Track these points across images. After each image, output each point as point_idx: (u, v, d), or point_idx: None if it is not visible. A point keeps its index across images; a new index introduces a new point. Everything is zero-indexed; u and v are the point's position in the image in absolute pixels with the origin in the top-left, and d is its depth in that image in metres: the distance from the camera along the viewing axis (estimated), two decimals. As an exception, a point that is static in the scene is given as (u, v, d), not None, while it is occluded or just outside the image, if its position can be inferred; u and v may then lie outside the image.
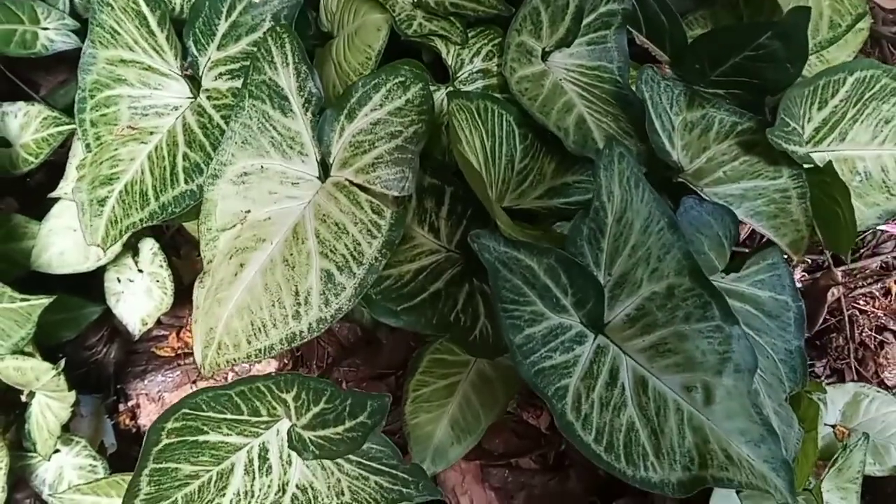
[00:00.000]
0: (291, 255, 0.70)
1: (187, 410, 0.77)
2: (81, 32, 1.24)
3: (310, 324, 0.68)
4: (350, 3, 0.94)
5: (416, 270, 0.83)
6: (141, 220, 0.82)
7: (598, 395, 0.72)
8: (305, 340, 0.68)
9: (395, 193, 0.71)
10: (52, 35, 1.26)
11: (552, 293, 0.72)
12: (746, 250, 1.30)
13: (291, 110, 0.74)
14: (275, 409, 0.79)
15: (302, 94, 0.74)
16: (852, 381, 1.32)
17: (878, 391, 1.11)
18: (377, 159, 0.72)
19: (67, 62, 1.31)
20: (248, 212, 0.73)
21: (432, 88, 0.86)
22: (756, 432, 0.70)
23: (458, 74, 0.88)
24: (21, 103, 1.23)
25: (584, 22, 0.89)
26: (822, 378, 1.35)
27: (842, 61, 1.02)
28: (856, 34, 1.01)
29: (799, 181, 0.85)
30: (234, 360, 0.70)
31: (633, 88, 0.87)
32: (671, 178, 0.87)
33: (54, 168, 1.22)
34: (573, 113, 0.84)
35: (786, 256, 0.92)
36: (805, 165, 0.85)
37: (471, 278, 0.85)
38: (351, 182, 0.72)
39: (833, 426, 1.12)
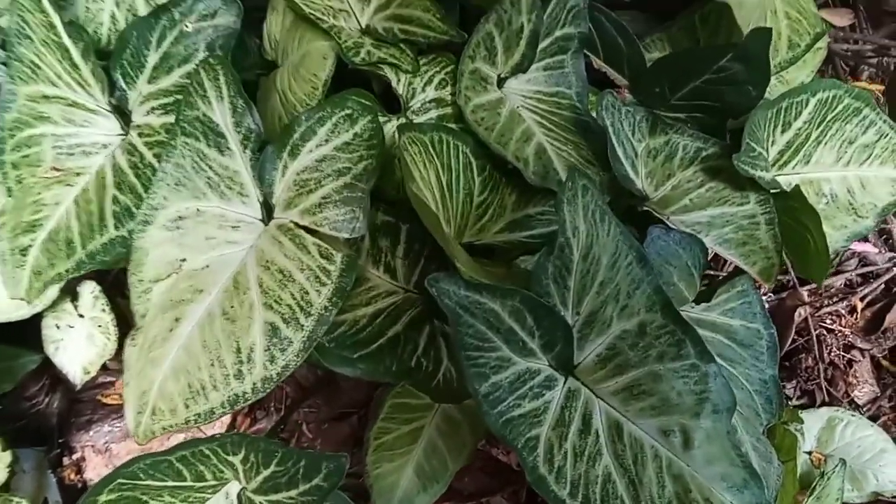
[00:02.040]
0: (232, 307, 0.64)
1: (123, 480, 0.69)
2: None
3: (254, 384, 0.62)
4: (294, 30, 0.89)
5: (373, 314, 0.77)
6: (67, 271, 0.75)
7: (572, 445, 0.67)
8: (249, 402, 0.61)
9: (346, 235, 0.65)
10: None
11: (518, 336, 0.67)
12: (714, 272, 1.28)
13: (228, 148, 0.68)
14: (222, 472, 0.72)
15: (239, 130, 0.68)
16: (823, 401, 1.31)
17: (852, 415, 1.09)
18: (324, 199, 0.66)
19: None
20: (184, 260, 0.67)
21: (383, 120, 0.81)
22: (738, 477, 0.66)
23: (410, 104, 0.83)
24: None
25: (540, 47, 0.85)
26: (793, 399, 1.33)
27: (801, 81, 1.01)
28: (814, 53, 1.00)
29: (766, 206, 0.82)
30: (171, 426, 0.63)
31: (593, 114, 0.84)
32: (636, 207, 0.84)
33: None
34: (532, 142, 0.80)
35: (756, 283, 0.90)
36: (772, 190, 0.82)
37: (431, 319, 0.80)
38: (296, 224, 0.67)
39: (809, 452, 1.09)
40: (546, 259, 0.67)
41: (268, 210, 0.69)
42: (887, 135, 0.91)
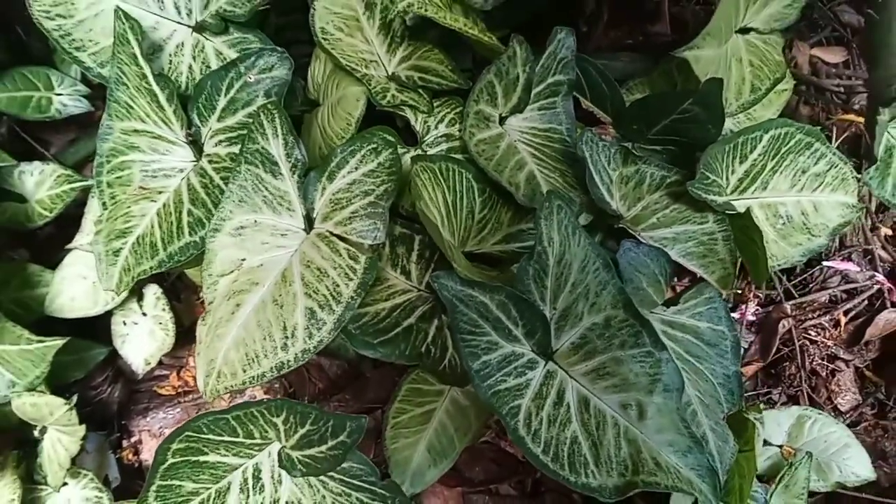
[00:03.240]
0: (280, 295, 0.82)
1: (190, 433, 0.88)
2: (92, 97, 1.38)
3: (296, 354, 0.80)
4: (333, 76, 1.09)
5: (391, 308, 0.95)
6: (151, 268, 0.94)
7: (547, 413, 0.83)
8: (292, 368, 0.79)
9: (369, 242, 0.83)
10: (66, 100, 1.41)
11: (504, 325, 0.83)
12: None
13: (280, 173, 0.87)
14: (266, 432, 0.90)
15: (290, 160, 0.87)
16: (805, 406, 1.43)
17: (820, 413, 1.21)
18: (353, 214, 0.85)
19: (76, 122, 1.45)
20: (244, 260, 0.86)
21: (402, 151, 1.00)
22: (683, 443, 0.81)
23: (425, 139, 1.01)
24: (37, 163, 1.36)
25: (535, 91, 1.03)
26: (778, 403, 1.45)
27: (768, 118, 1.16)
28: (779, 94, 1.15)
29: (723, 225, 0.97)
30: (231, 386, 0.81)
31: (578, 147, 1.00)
32: (614, 225, 1.00)
33: (61, 221, 1.34)
34: (525, 170, 0.97)
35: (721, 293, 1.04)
36: (729, 211, 0.97)
37: (440, 314, 0.97)
38: (331, 233, 0.85)
39: (780, 446, 1.22)
40: (527, 263, 0.84)
41: (309, 222, 0.88)
42: (837, 165, 1.05)
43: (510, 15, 1.11)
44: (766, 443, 1.20)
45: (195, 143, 0.98)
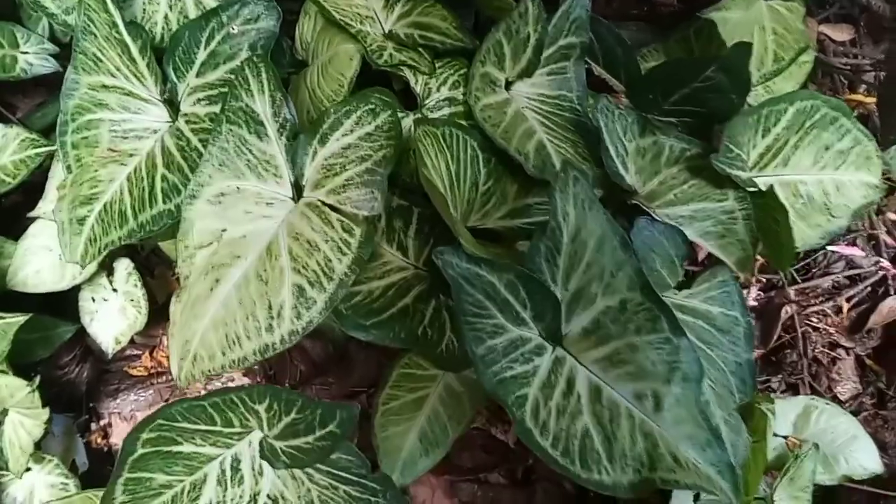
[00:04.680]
0: (265, 270, 0.74)
1: (162, 421, 0.79)
2: (60, 56, 1.27)
3: (282, 336, 0.72)
4: (324, 33, 1.00)
5: (386, 287, 0.87)
6: (119, 238, 0.85)
7: (556, 404, 0.76)
8: (278, 351, 0.71)
9: (365, 213, 0.75)
10: (32, 59, 1.30)
11: (512, 307, 0.76)
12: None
13: (267, 135, 0.79)
14: (247, 420, 0.82)
15: (277, 119, 0.79)
16: (806, 395, 1.39)
17: (828, 403, 1.17)
18: (348, 181, 0.76)
19: (45, 85, 1.35)
20: (225, 230, 0.77)
21: (401, 115, 0.91)
22: (703, 437, 0.75)
23: (426, 102, 0.93)
24: (-1, 126, 1.25)
25: (545, 54, 0.95)
26: (778, 392, 1.41)
27: (787, 91, 1.09)
28: (800, 66, 1.09)
29: (744, 203, 0.91)
30: (209, 370, 0.73)
31: (592, 116, 0.93)
32: (627, 201, 0.93)
33: (29, 188, 1.24)
34: (534, 139, 0.89)
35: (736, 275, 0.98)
36: (749, 189, 0.91)
37: (437, 294, 0.90)
38: (323, 202, 0.77)
39: (786, 437, 1.17)
40: (539, 240, 0.77)
41: (298, 189, 0.80)
42: (862, 142, 1.00)
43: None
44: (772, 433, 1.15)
45: (171, 102, 0.89)
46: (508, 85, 0.95)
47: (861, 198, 1.00)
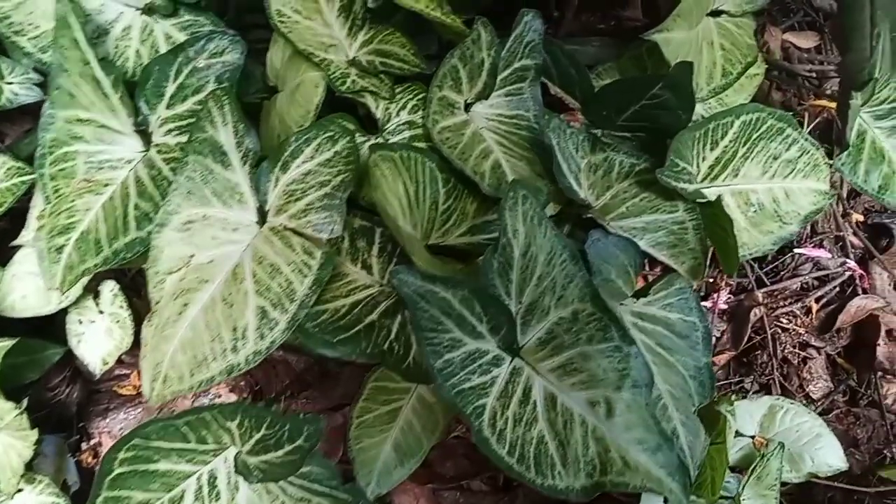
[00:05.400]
0: (230, 294, 0.78)
1: (138, 440, 0.83)
2: (45, 85, 1.31)
3: (246, 356, 0.75)
4: (292, 61, 1.04)
5: (352, 304, 0.90)
6: (95, 265, 0.89)
7: (513, 412, 0.80)
8: (243, 371, 0.75)
9: (325, 236, 0.79)
10: (17, 89, 1.33)
11: (468, 321, 0.80)
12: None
13: (231, 164, 0.83)
14: (221, 437, 0.85)
15: (240, 149, 0.83)
16: (777, 397, 1.42)
17: (792, 403, 1.20)
18: (308, 206, 0.80)
19: (31, 113, 1.38)
20: (192, 256, 0.81)
21: (364, 139, 0.95)
22: (653, 441, 0.78)
23: (387, 126, 0.97)
24: (-15, 154, 1.29)
25: (501, 76, 0.99)
26: (751, 392, 1.44)
27: (739, 103, 1.13)
28: (750, 79, 1.13)
29: (693, 214, 0.95)
30: (179, 391, 0.77)
31: (545, 135, 0.97)
32: (582, 215, 0.97)
33: (15, 215, 1.28)
34: (490, 158, 0.93)
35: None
36: (699, 199, 0.95)
37: (403, 310, 0.93)
38: (285, 227, 0.81)
39: (752, 437, 1.21)
40: (491, 256, 0.80)
41: (262, 215, 0.84)
42: (809, 151, 1.03)
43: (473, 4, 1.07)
44: (738, 433, 1.19)
45: (143, 133, 0.93)
46: (468, 107, 0.99)
47: (810, 204, 1.04)
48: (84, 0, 0.95)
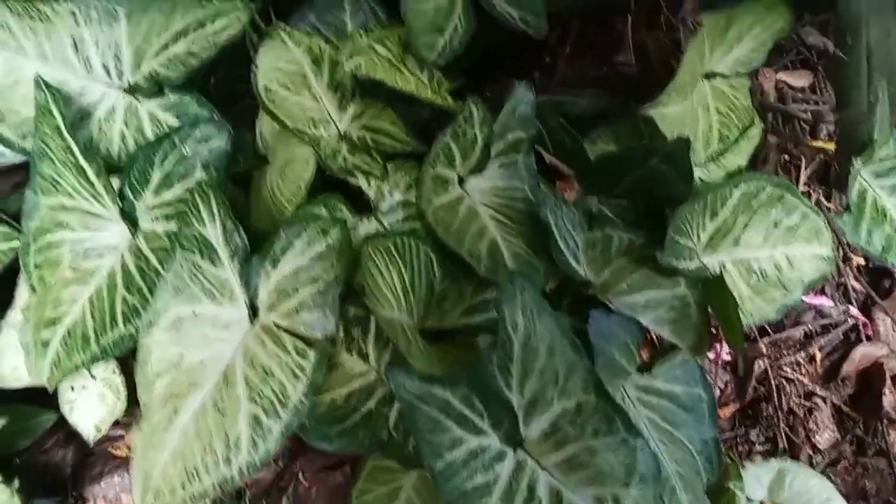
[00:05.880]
0: (222, 400, 0.75)
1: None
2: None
3: (240, 468, 0.72)
4: (282, 135, 1.02)
5: (348, 394, 0.88)
6: (83, 362, 0.86)
7: (517, 512, 0.77)
8: (237, 484, 0.72)
9: (318, 336, 0.76)
10: (2, 149, 1.31)
11: (469, 419, 0.77)
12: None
13: (220, 260, 0.80)
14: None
15: (229, 245, 0.80)
16: (784, 449, 1.40)
17: (800, 466, 1.18)
18: (301, 303, 0.78)
19: (23, 167, 1.36)
20: (182, 356, 0.78)
21: (356, 219, 0.93)
22: (663, 539, 0.76)
23: (380, 207, 0.95)
24: (-26, 218, 1.26)
25: (495, 149, 0.97)
26: (756, 445, 1.41)
27: (737, 164, 1.11)
28: (748, 140, 1.11)
29: (696, 288, 0.92)
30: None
31: (540, 211, 0.95)
32: (582, 292, 0.94)
33: (6, 278, 1.24)
34: (486, 238, 0.91)
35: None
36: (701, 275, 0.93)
37: (401, 395, 0.91)
38: (277, 325, 0.78)
39: (761, 503, 1.18)
40: (490, 350, 0.78)
41: (254, 310, 0.81)
42: (809, 216, 1.01)
43: (466, 55, 1.05)
44: (746, 499, 1.16)
45: (129, 218, 0.91)
46: (461, 181, 0.97)
47: (814, 270, 1.02)
48: (65, 82, 0.93)
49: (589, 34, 1.55)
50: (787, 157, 1.57)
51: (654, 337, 1.24)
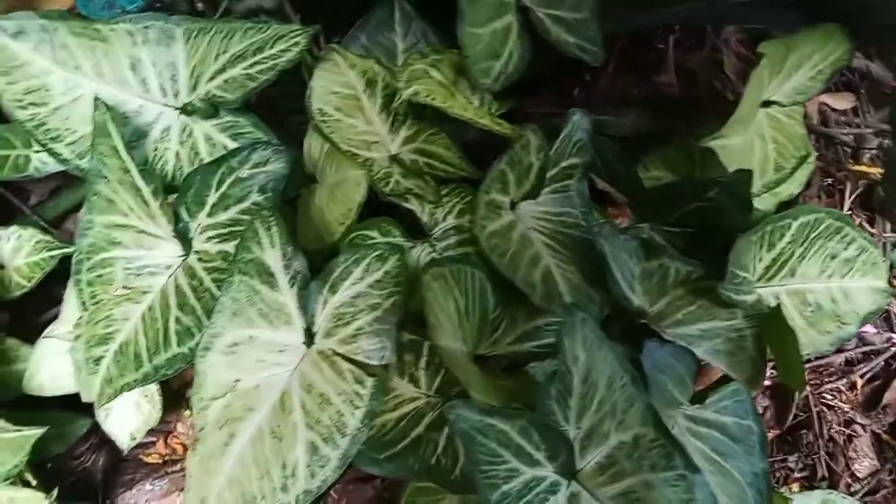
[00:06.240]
0: (279, 426, 0.75)
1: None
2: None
3: (297, 496, 0.72)
4: (332, 155, 1.01)
5: (398, 418, 0.87)
6: (135, 381, 0.86)
7: (572, 546, 0.76)
8: (293, 512, 0.72)
9: (375, 363, 0.76)
10: (45, 157, 1.32)
11: (526, 451, 0.76)
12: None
13: (278, 286, 0.80)
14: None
15: (288, 271, 0.80)
16: (823, 476, 1.38)
17: (844, 498, 1.15)
18: (358, 330, 0.77)
19: (59, 174, 1.37)
20: (238, 381, 0.78)
21: (408, 245, 0.93)
22: (722, 580, 0.75)
23: (434, 232, 0.94)
24: (14, 227, 1.27)
25: (549, 175, 0.96)
26: (795, 472, 1.39)
27: (790, 193, 1.10)
28: (803, 169, 1.10)
29: (753, 322, 0.91)
30: (226, 531, 0.74)
31: (596, 239, 0.94)
32: (635, 321, 0.93)
33: (43, 285, 1.25)
34: (540, 266, 0.90)
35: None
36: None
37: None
38: (334, 352, 0.78)
39: (805, 534, 1.16)
40: (549, 383, 0.77)
41: (310, 336, 0.81)
42: (868, 250, 1.00)
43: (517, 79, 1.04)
44: (792, 531, 1.14)
45: (183, 238, 0.91)
46: (513, 205, 0.97)
47: (870, 304, 1.00)
48: (122, 102, 0.93)
49: (631, 53, 1.54)
50: (830, 180, 1.55)
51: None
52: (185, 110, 0.94)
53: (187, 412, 1.48)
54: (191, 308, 0.86)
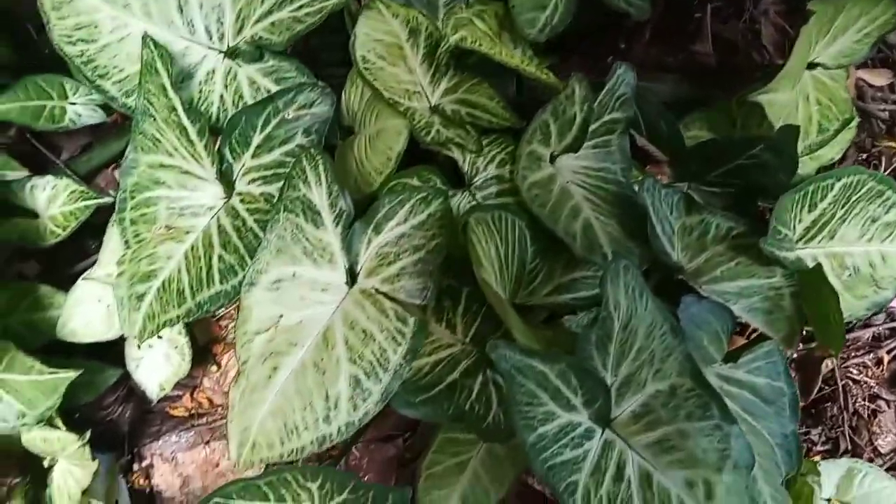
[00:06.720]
0: (322, 359, 0.76)
1: (219, 499, 0.82)
2: (107, 106, 1.31)
3: (339, 427, 0.73)
4: (371, 105, 1.02)
5: (434, 363, 0.88)
6: (178, 317, 0.87)
7: (606, 491, 0.77)
8: (335, 442, 0.73)
9: (418, 302, 0.77)
10: (80, 109, 1.34)
11: (563, 395, 0.77)
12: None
13: (323, 224, 0.81)
14: (299, 496, 0.84)
15: (334, 210, 0.81)
16: (846, 449, 1.38)
17: (871, 466, 1.16)
18: (402, 270, 0.78)
19: (89, 128, 1.38)
20: (281, 316, 0.79)
21: (450, 193, 0.93)
22: (754, 527, 0.75)
23: (474, 181, 0.95)
24: (49, 177, 1.29)
25: (590, 129, 0.96)
26: (818, 445, 1.39)
27: (830, 158, 1.09)
28: (845, 133, 1.08)
29: (791, 280, 0.91)
30: (268, 458, 0.75)
31: (636, 193, 0.94)
32: (673, 276, 0.93)
33: (75, 236, 1.27)
34: (580, 218, 0.90)
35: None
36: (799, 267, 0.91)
37: (484, 369, 0.91)
38: (377, 290, 0.78)
39: (828, 500, 1.16)
40: (590, 329, 0.78)
41: (352, 276, 0.82)
42: (909, 215, 0.99)
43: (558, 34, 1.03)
44: (817, 496, 1.14)
45: (226, 180, 0.92)
46: (553, 158, 0.96)
47: (908, 269, 0.99)
48: (168, 43, 0.94)
49: (667, 21, 1.52)
50: (865, 155, 1.53)
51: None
52: (231, 53, 0.94)
53: (214, 367, 1.50)
54: (234, 247, 0.87)
